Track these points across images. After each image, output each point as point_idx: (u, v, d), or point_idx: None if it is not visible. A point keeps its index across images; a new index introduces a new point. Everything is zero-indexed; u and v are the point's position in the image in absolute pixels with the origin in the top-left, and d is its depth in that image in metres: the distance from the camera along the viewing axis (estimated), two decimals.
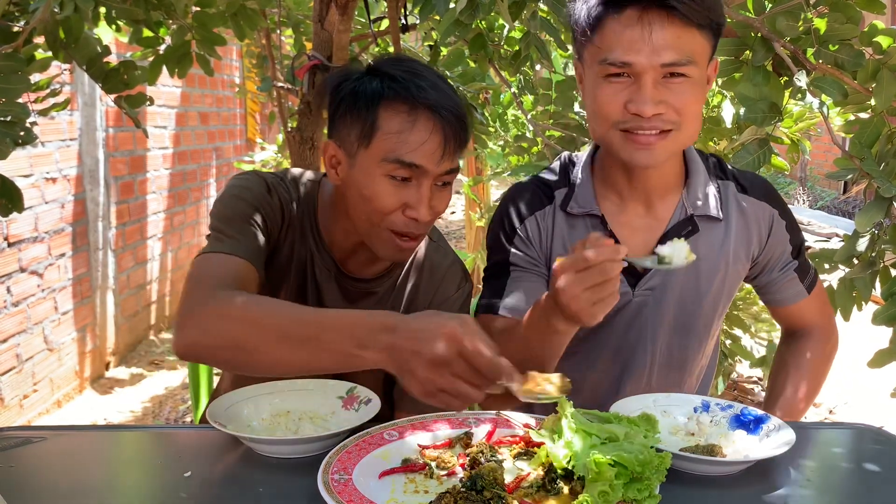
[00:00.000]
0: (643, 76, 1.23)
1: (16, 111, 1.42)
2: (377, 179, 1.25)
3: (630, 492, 0.92)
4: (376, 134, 1.24)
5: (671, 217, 1.39)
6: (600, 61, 1.25)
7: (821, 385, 1.54)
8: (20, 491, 1.02)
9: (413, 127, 1.23)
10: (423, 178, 1.25)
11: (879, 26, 1.55)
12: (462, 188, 5.59)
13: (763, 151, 1.71)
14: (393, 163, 1.23)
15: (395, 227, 1.27)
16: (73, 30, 1.59)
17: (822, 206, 9.07)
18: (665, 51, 1.21)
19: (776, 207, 1.44)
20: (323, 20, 2.21)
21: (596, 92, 1.28)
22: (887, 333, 1.66)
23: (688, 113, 1.26)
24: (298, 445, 1.12)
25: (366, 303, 1.43)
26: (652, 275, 1.39)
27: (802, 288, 1.48)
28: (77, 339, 3.74)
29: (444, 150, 1.24)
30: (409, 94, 1.24)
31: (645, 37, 1.21)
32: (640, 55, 1.22)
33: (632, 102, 1.24)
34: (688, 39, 1.22)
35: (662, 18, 1.21)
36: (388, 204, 1.25)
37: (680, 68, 1.22)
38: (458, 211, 9.57)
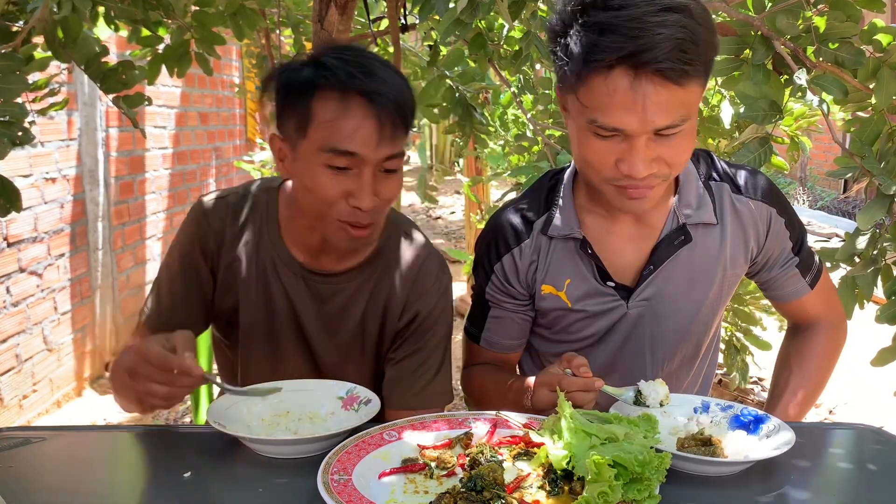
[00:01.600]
0: (636, 139, 1.16)
1: (14, 111, 1.42)
2: (317, 170, 1.24)
3: (630, 492, 0.91)
4: (311, 124, 1.23)
5: (663, 226, 1.37)
6: (588, 120, 1.17)
7: (826, 380, 1.51)
8: (20, 491, 1.02)
9: (345, 114, 1.22)
10: (363, 166, 1.23)
11: (879, 24, 1.55)
12: (462, 188, 5.58)
13: (763, 150, 1.70)
14: (329, 152, 1.22)
15: (342, 217, 1.26)
16: (71, 29, 1.59)
17: (822, 206, 9.07)
18: (658, 115, 1.13)
19: (773, 205, 1.41)
20: (322, 20, 2.20)
21: (584, 143, 1.21)
22: (889, 332, 1.66)
23: (680, 161, 1.21)
24: (298, 445, 1.11)
25: (336, 300, 1.42)
26: (645, 286, 1.38)
27: (805, 283, 1.46)
28: (76, 340, 3.74)
29: (379, 135, 1.22)
30: (339, 82, 1.22)
31: (638, 104, 1.12)
32: (633, 122, 1.14)
33: (623, 163, 1.17)
34: (682, 97, 1.14)
35: (655, 81, 1.11)
36: (329, 194, 1.24)
37: (674, 129, 1.16)
38: (458, 211, 9.57)
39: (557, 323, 1.46)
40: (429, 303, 1.42)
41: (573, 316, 1.42)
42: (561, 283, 1.40)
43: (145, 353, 1.11)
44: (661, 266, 1.37)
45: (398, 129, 1.24)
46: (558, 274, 1.40)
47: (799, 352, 1.50)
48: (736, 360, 2.93)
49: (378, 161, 1.24)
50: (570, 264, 1.40)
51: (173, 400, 1.14)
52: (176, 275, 1.43)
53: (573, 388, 1.15)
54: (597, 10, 1.12)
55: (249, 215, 1.42)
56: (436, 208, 9.62)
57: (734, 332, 2.89)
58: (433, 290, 1.43)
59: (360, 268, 1.42)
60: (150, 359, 1.11)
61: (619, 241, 1.38)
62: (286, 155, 1.31)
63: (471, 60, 2.38)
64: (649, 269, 1.37)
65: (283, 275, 1.41)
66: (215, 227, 1.41)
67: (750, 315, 2.79)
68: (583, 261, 1.39)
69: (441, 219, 9.31)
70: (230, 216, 1.41)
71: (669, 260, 1.37)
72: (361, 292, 1.42)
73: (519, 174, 2.57)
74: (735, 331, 2.88)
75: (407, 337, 1.43)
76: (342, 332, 1.44)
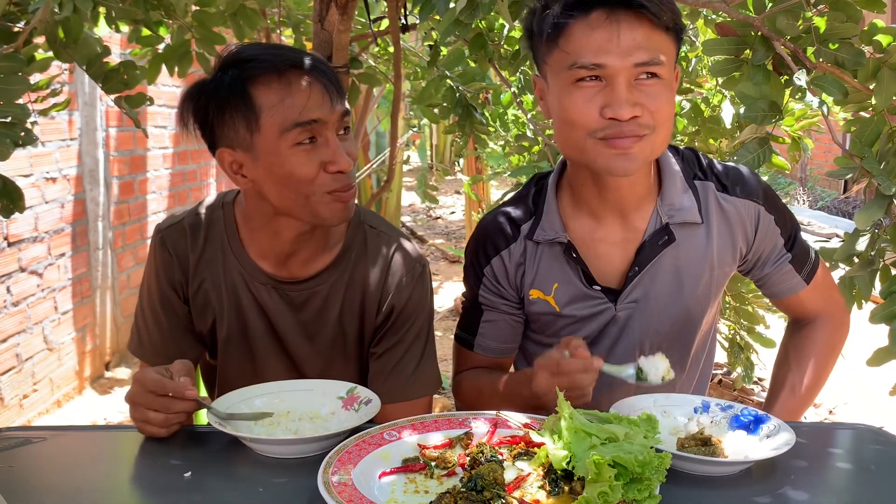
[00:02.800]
0: (616, 78, 1.20)
1: (16, 112, 1.41)
2: (286, 154, 1.24)
3: (630, 492, 0.92)
4: (261, 114, 1.23)
5: (647, 227, 1.37)
6: (569, 66, 1.22)
7: (826, 374, 1.51)
8: (20, 491, 1.02)
9: (291, 89, 1.23)
10: (326, 131, 1.25)
11: (880, 25, 1.55)
12: (462, 188, 5.59)
13: (763, 150, 1.70)
14: (293, 130, 1.23)
15: (327, 189, 1.26)
16: (72, 30, 1.59)
17: (822, 207, 9.07)
18: (636, 51, 1.19)
19: (761, 203, 1.41)
20: (323, 20, 2.20)
21: (566, 101, 1.24)
22: (886, 332, 1.65)
23: (662, 115, 1.24)
24: (298, 445, 1.12)
25: (312, 305, 1.41)
26: (633, 287, 1.38)
27: (800, 279, 1.46)
28: (77, 339, 3.74)
29: (329, 94, 1.25)
30: (269, 65, 1.24)
31: (615, 37, 1.19)
32: (612, 56, 1.19)
33: (608, 107, 1.20)
34: (657, 39, 1.21)
35: (631, 18, 1.19)
36: (308, 171, 1.25)
37: (652, 68, 1.20)
38: (458, 211, 9.56)
39: (548, 328, 1.46)
40: (403, 295, 1.41)
41: (562, 321, 1.43)
42: (549, 287, 1.41)
43: (142, 380, 1.17)
44: (645, 267, 1.37)
45: (337, 87, 1.27)
46: (546, 279, 1.41)
47: (798, 348, 1.50)
48: (740, 358, 2.93)
49: (336, 121, 1.26)
50: (556, 269, 1.40)
51: (170, 427, 1.17)
52: (158, 311, 1.45)
53: (573, 369, 1.16)
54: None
55: (209, 235, 1.41)
56: (436, 208, 9.62)
57: (738, 330, 2.89)
58: (406, 282, 1.41)
59: (330, 269, 1.41)
60: (146, 385, 1.16)
61: (603, 244, 1.39)
62: (242, 163, 1.29)
63: (471, 60, 2.38)
64: (634, 270, 1.37)
65: (254, 288, 1.40)
66: (177, 255, 1.41)
67: (753, 313, 2.79)
68: (569, 265, 1.39)
69: (441, 219, 9.31)
70: (189, 239, 1.41)
71: (654, 261, 1.37)
72: (335, 293, 1.41)
73: (519, 174, 2.57)
74: (739, 329, 2.88)
75: (386, 331, 1.43)
76: (321, 336, 1.43)
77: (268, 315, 1.42)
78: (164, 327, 1.45)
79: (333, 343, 1.44)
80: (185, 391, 1.15)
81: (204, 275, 1.42)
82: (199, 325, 1.46)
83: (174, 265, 1.42)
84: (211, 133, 1.30)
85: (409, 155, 7.52)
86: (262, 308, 1.41)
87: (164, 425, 1.17)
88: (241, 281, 1.41)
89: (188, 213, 1.45)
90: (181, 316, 1.45)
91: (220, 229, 1.42)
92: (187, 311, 1.45)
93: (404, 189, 8.78)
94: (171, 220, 1.45)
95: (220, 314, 1.43)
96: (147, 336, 1.47)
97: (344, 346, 1.45)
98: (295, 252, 1.38)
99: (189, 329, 1.47)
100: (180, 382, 1.16)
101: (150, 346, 1.46)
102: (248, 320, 1.42)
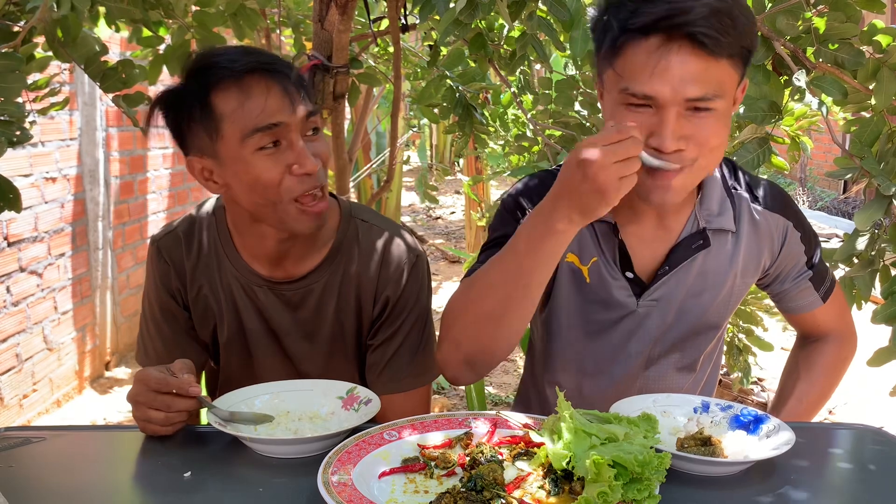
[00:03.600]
0: (666, 109, 1.15)
1: (12, 110, 1.42)
2: (249, 160, 1.23)
3: (630, 492, 0.91)
4: (222, 121, 1.22)
5: (683, 229, 1.36)
6: (621, 89, 1.18)
7: (831, 390, 1.52)
8: (20, 491, 1.02)
9: (250, 93, 1.21)
10: (290, 133, 1.23)
11: (879, 25, 1.55)
12: (462, 188, 5.59)
13: (763, 150, 1.71)
14: (253, 135, 1.21)
15: (294, 194, 1.25)
16: (70, 29, 1.59)
17: (822, 207, 9.07)
18: (690, 84, 1.13)
19: (790, 219, 1.41)
20: (323, 20, 2.21)
21: (617, 118, 1.20)
22: (887, 332, 1.66)
23: (710, 146, 1.20)
24: (298, 445, 1.12)
25: (308, 304, 1.41)
26: (658, 286, 1.38)
27: (818, 297, 1.46)
28: (77, 339, 3.74)
29: (290, 98, 1.22)
30: (227, 71, 1.22)
31: (669, 69, 1.13)
32: (664, 88, 1.14)
33: (653, 136, 1.16)
34: (715, 72, 1.14)
35: (688, 49, 1.12)
36: (272, 175, 1.23)
37: (706, 103, 1.15)
38: (458, 211, 9.57)
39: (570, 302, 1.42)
40: (397, 287, 1.40)
41: (585, 295, 1.40)
42: (587, 258, 1.39)
43: (144, 378, 1.17)
44: (676, 267, 1.37)
45: (300, 89, 1.25)
46: (585, 250, 1.39)
47: (808, 360, 1.51)
48: (738, 361, 2.93)
49: (301, 123, 1.24)
50: (596, 246, 1.38)
51: (171, 426, 1.17)
52: (160, 320, 1.46)
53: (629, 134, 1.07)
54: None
55: (203, 240, 1.42)
56: (436, 208, 9.62)
57: (736, 332, 2.90)
58: (400, 273, 1.40)
59: (323, 266, 1.40)
60: (149, 383, 1.16)
61: (637, 239, 1.38)
62: (211, 170, 1.29)
63: (471, 60, 2.38)
64: (664, 269, 1.36)
65: (250, 290, 1.41)
66: (173, 263, 1.42)
67: (752, 315, 2.79)
68: (608, 246, 1.37)
69: (441, 219, 9.31)
70: (184, 247, 1.42)
71: (686, 263, 1.36)
72: (330, 290, 1.41)
73: (519, 174, 2.57)
74: (737, 332, 2.88)
75: (381, 323, 1.42)
76: (320, 334, 1.43)
77: (265, 316, 1.42)
78: (167, 336, 1.46)
79: (332, 340, 1.44)
80: (189, 388, 1.15)
81: (201, 281, 1.42)
82: (200, 331, 1.47)
83: (171, 273, 1.43)
84: (181, 141, 1.31)
85: (409, 155, 7.53)
86: (259, 309, 1.42)
87: (166, 424, 1.16)
88: (237, 284, 1.41)
89: (182, 220, 1.46)
90: (182, 323, 1.46)
91: (213, 234, 1.42)
92: (188, 317, 1.46)
93: (404, 189, 8.79)
94: (166, 230, 1.46)
95: (220, 318, 1.44)
96: (152, 346, 1.48)
97: (343, 343, 1.45)
98: (285, 254, 1.38)
99: (192, 336, 1.47)
100: (184, 379, 1.16)
101: (154, 356, 1.46)
102: (245, 322, 1.43)
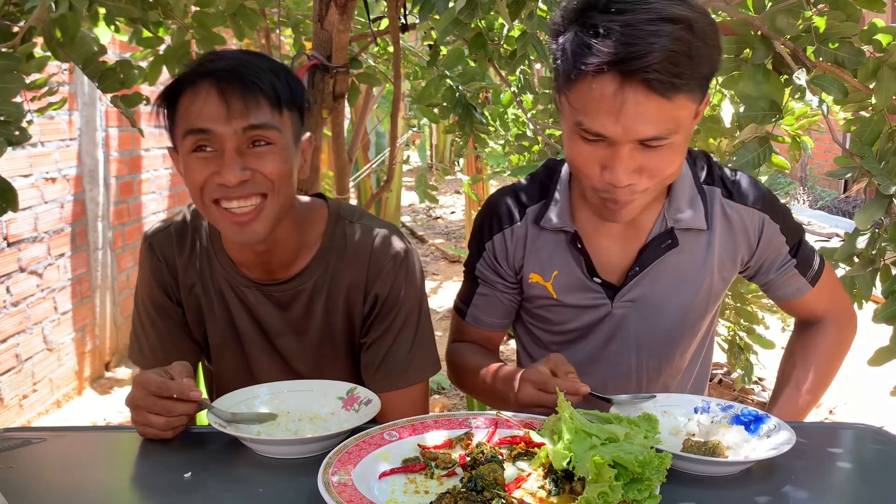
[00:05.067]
0: (620, 146, 1.14)
1: (10, 110, 1.41)
2: (186, 159, 1.26)
3: (630, 492, 0.91)
4: (177, 120, 1.27)
5: (651, 228, 1.37)
6: (575, 122, 1.17)
7: (832, 374, 1.50)
8: (20, 491, 1.02)
9: (195, 97, 1.24)
10: (222, 142, 1.23)
11: (879, 24, 1.55)
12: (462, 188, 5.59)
13: (763, 150, 1.71)
14: (187, 136, 1.24)
15: (213, 196, 1.25)
16: (69, 28, 1.59)
17: (822, 206, 9.07)
18: (643, 126, 1.11)
19: (766, 211, 1.39)
20: (322, 20, 2.20)
21: (572, 145, 1.21)
22: (887, 332, 1.66)
23: (665, 174, 1.20)
24: (298, 446, 1.11)
25: (298, 303, 1.41)
26: (632, 287, 1.39)
27: (805, 282, 1.45)
28: (77, 339, 3.74)
29: (227, 109, 1.22)
30: (191, 74, 1.26)
31: (623, 110, 1.10)
32: (616, 129, 1.12)
33: (606, 170, 1.17)
34: (670, 110, 1.11)
35: (642, 93, 1.09)
36: (197, 177, 1.25)
37: (658, 142, 1.14)
38: (458, 211, 9.57)
39: (543, 313, 1.47)
40: (387, 283, 1.39)
41: (558, 308, 1.44)
42: (548, 274, 1.41)
43: (144, 382, 1.16)
44: (647, 268, 1.37)
45: (251, 101, 1.23)
46: (546, 265, 1.41)
47: (804, 346, 1.50)
48: (740, 359, 2.93)
49: (236, 134, 1.23)
50: (559, 257, 1.41)
51: (171, 430, 1.17)
52: (154, 316, 1.46)
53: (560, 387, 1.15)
54: (595, 13, 1.12)
55: (194, 239, 1.43)
56: (436, 208, 9.62)
57: (737, 331, 2.90)
58: (389, 270, 1.40)
59: (311, 267, 1.40)
60: (149, 388, 1.15)
61: (607, 239, 1.39)
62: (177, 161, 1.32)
63: (471, 60, 2.38)
64: (635, 270, 1.37)
65: (241, 292, 1.41)
66: (165, 259, 1.43)
67: (753, 314, 2.79)
68: (572, 255, 1.40)
69: (441, 218, 9.31)
70: (176, 245, 1.43)
71: (656, 263, 1.37)
72: (319, 290, 1.41)
73: (519, 173, 2.57)
74: (738, 330, 2.88)
75: (373, 321, 1.42)
76: (309, 333, 1.44)
77: (256, 316, 1.43)
78: (161, 332, 1.46)
79: (322, 339, 1.44)
80: (190, 392, 1.15)
81: (193, 279, 1.43)
82: (193, 328, 1.47)
83: (163, 269, 1.43)
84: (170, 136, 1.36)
85: (408, 155, 7.52)
86: (250, 310, 1.42)
87: (166, 428, 1.16)
88: (227, 284, 1.42)
89: (173, 218, 1.47)
90: (176, 319, 1.46)
91: (204, 235, 1.43)
92: (181, 313, 1.46)
93: (404, 189, 8.78)
94: (159, 227, 1.47)
95: (212, 317, 1.44)
96: (146, 342, 1.47)
97: (332, 342, 1.45)
98: (267, 259, 1.38)
99: (186, 332, 1.47)
100: (184, 384, 1.16)
101: (149, 353, 1.46)
102: (237, 322, 1.43)
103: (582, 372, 1.44)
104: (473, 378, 1.43)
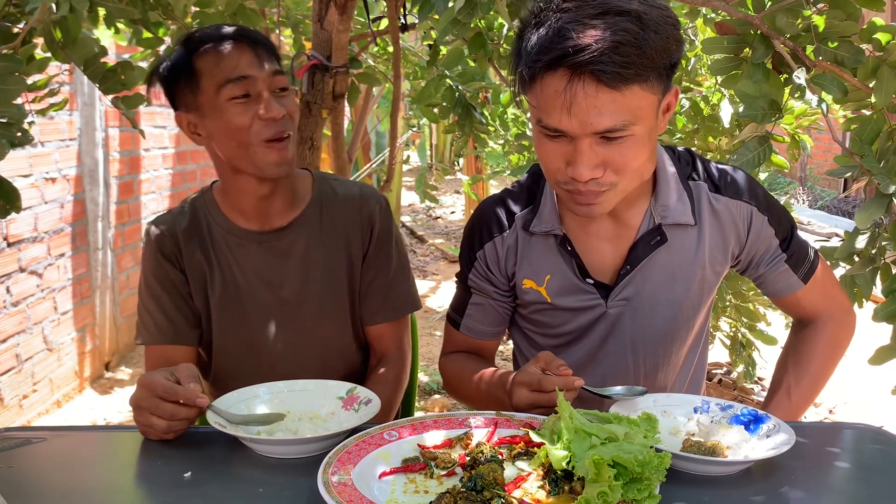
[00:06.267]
0: (579, 140, 1.16)
1: (12, 112, 1.41)
2: (225, 109, 1.39)
3: (630, 492, 0.91)
4: (202, 78, 1.40)
5: (640, 226, 1.37)
6: (537, 121, 1.19)
7: (826, 375, 1.50)
8: (20, 491, 1.02)
9: (224, 53, 1.40)
10: (259, 87, 1.40)
11: (879, 23, 1.55)
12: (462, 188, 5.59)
13: (763, 149, 1.70)
14: (227, 86, 1.38)
15: (262, 137, 1.40)
16: (69, 30, 1.59)
17: (822, 206, 9.07)
18: (598, 118, 1.13)
19: (754, 203, 1.40)
20: (322, 20, 2.20)
21: (537, 143, 1.23)
22: (888, 331, 1.66)
23: (630, 169, 1.20)
24: (298, 445, 1.12)
25: (296, 250, 1.53)
26: (624, 285, 1.39)
27: (796, 279, 1.45)
28: (77, 339, 3.74)
29: (259, 57, 1.41)
30: (207, 37, 1.42)
31: (576, 104, 1.12)
32: (572, 123, 1.14)
33: (570, 165, 1.18)
34: (624, 101, 1.12)
35: (592, 85, 1.11)
36: (242, 120, 1.39)
37: (617, 133, 1.15)
38: (458, 211, 9.57)
39: (539, 317, 1.48)
40: (380, 220, 1.57)
41: (553, 311, 1.44)
42: (541, 278, 1.42)
43: (150, 384, 1.17)
44: (637, 266, 1.38)
45: (271, 54, 1.45)
46: (539, 269, 1.42)
47: (797, 351, 1.50)
48: (742, 356, 2.93)
49: (268, 79, 1.41)
50: (550, 260, 1.41)
51: (173, 433, 1.18)
52: (159, 292, 1.52)
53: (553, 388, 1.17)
54: (549, 13, 1.15)
55: (194, 216, 1.55)
56: (436, 208, 9.62)
57: (739, 328, 2.90)
58: (380, 210, 1.58)
59: (305, 214, 1.54)
60: (154, 390, 1.16)
61: (596, 239, 1.40)
62: (195, 123, 1.45)
63: (470, 60, 2.38)
64: (626, 268, 1.38)
65: (240, 249, 1.51)
66: (169, 233, 1.52)
67: (754, 311, 2.79)
68: (563, 257, 1.40)
69: (441, 218, 9.30)
70: (177, 223, 1.54)
71: (646, 260, 1.38)
72: (315, 235, 1.53)
73: (519, 173, 2.58)
74: (740, 327, 2.89)
75: (373, 255, 1.57)
76: (312, 282, 1.53)
77: (257, 271, 1.51)
78: (166, 306, 1.52)
79: (324, 289, 1.54)
80: (196, 399, 1.15)
81: (193, 246, 1.52)
82: (196, 296, 1.53)
83: (166, 240, 1.52)
84: (172, 100, 1.48)
85: (408, 155, 7.52)
86: (251, 263, 1.51)
87: (168, 431, 1.17)
88: (226, 245, 1.52)
89: (173, 208, 1.59)
90: (181, 289, 1.53)
91: (202, 207, 1.55)
92: (184, 280, 1.53)
93: (404, 189, 8.79)
94: (160, 216, 1.57)
95: (211, 276, 1.52)
96: (151, 319, 1.52)
97: (334, 294, 1.55)
98: (266, 207, 1.51)
99: (190, 306, 1.53)
100: (190, 389, 1.16)
101: (155, 328, 1.52)
102: (237, 277, 1.51)
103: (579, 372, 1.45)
104: (468, 386, 1.44)
